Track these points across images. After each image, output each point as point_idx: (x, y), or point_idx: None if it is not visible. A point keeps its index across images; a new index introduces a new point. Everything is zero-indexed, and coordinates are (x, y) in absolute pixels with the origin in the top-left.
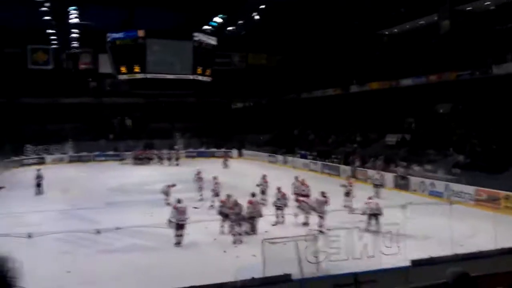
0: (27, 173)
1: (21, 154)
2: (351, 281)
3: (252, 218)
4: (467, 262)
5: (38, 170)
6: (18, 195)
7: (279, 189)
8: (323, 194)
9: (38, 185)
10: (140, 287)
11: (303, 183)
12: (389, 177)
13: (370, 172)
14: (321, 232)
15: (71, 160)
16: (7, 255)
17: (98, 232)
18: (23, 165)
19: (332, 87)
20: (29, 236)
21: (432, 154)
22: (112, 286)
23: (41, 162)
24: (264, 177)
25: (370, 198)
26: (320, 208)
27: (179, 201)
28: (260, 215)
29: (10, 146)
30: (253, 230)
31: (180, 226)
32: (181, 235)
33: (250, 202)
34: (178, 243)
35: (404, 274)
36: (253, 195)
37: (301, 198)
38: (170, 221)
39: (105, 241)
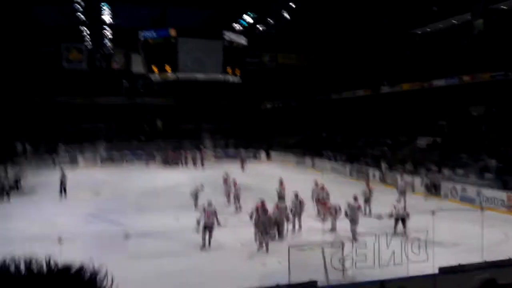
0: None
1: (55, 152)
2: None
3: (278, 224)
4: (496, 270)
5: (62, 169)
6: (50, 196)
7: (296, 195)
8: (355, 198)
9: (63, 189)
10: None
11: (322, 188)
12: (418, 182)
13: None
14: (354, 239)
15: (103, 161)
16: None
17: (126, 236)
18: (55, 164)
19: (363, 88)
20: (59, 239)
21: (464, 158)
22: None
23: (74, 162)
24: (281, 181)
25: (398, 201)
26: (352, 213)
27: (209, 203)
28: (288, 220)
29: (45, 145)
30: (279, 235)
31: (207, 229)
32: (207, 238)
33: (277, 207)
34: (203, 246)
35: (432, 282)
36: (209, 203)
37: (327, 203)
38: (198, 223)
39: (133, 245)
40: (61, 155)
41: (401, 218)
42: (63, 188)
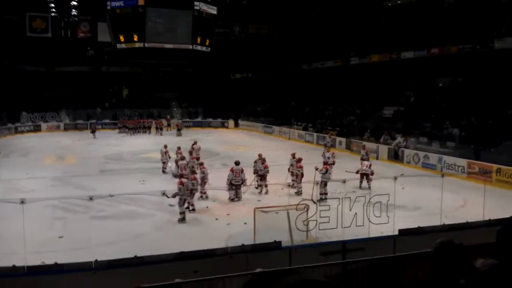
0: (22, 140)
1: (17, 121)
2: (339, 248)
3: (236, 186)
4: (454, 233)
5: None
6: (13, 162)
7: (260, 155)
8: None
9: None
10: (131, 253)
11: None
12: (384, 149)
13: (364, 144)
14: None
15: (67, 128)
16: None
17: (91, 198)
18: (18, 132)
19: (333, 59)
20: (22, 201)
21: (428, 127)
22: (104, 251)
23: (37, 129)
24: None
25: (363, 159)
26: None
27: (236, 163)
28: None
29: (6, 113)
30: (237, 197)
31: (236, 187)
32: (236, 195)
33: (231, 170)
34: (232, 200)
35: (391, 243)
36: (236, 163)
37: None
38: (230, 183)
39: (98, 207)
40: (23, 123)
41: (365, 174)
42: None
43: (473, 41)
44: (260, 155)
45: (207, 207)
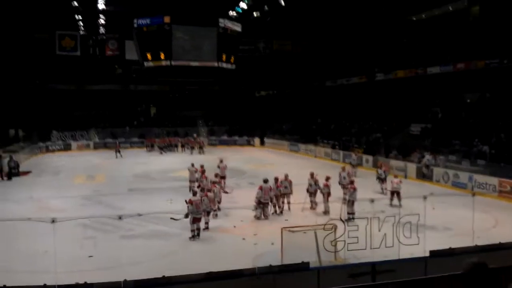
0: (53, 159)
1: (48, 140)
2: (368, 270)
3: (263, 204)
4: (486, 254)
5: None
6: (44, 180)
7: (286, 176)
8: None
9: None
10: (159, 272)
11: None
12: (412, 167)
13: (392, 162)
14: (349, 219)
15: (96, 147)
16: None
17: (120, 217)
18: (49, 151)
19: (357, 75)
20: (53, 221)
21: (457, 144)
22: (133, 270)
23: (67, 148)
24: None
25: (395, 176)
26: (352, 196)
27: (265, 181)
28: (271, 201)
29: (37, 132)
30: (264, 215)
31: (264, 205)
32: (263, 213)
33: (260, 188)
34: (258, 218)
35: (423, 265)
36: (265, 181)
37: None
38: (258, 201)
39: (127, 226)
40: (54, 142)
41: (396, 192)
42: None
43: (499, 55)
44: (286, 176)
45: (234, 226)
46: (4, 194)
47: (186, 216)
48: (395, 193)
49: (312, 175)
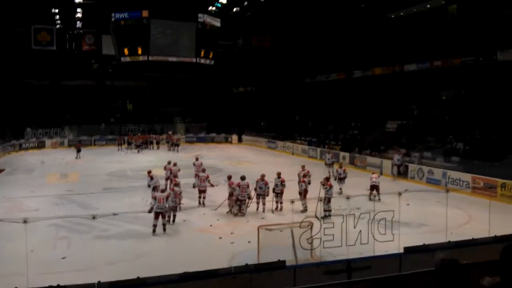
0: (26, 157)
1: (22, 137)
2: (344, 267)
3: (240, 201)
4: (460, 250)
5: None
6: (16, 179)
7: (262, 176)
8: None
9: None
10: (134, 273)
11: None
12: (387, 164)
13: (368, 159)
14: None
15: (71, 144)
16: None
17: (94, 217)
18: (22, 149)
19: (336, 72)
20: (25, 221)
21: (432, 141)
22: (107, 271)
23: (41, 146)
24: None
25: (373, 172)
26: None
27: (242, 178)
28: (249, 198)
29: (11, 129)
30: (241, 212)
31: (241, 202)
32: (240, 210)
33: (238, 185)
34: (235, 214)
35: (397, 261)
36: (242, 178)
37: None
38: (236, 198)
39: (101, 226)
40: (28, 139)
41: (376, 186)
42: None
43: (475, 53)
44: (262, 176)
45: (211, 225)
46: None
47: (150, 211)
48: (374, 187)
49: (279, 175)
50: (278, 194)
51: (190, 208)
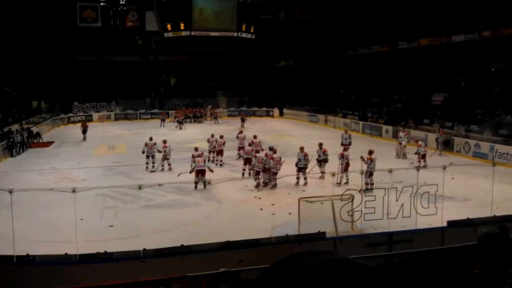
0: (74, 130)
1: (70, 111)
2: (385, 240)
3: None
4: (506, 224)
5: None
6: (65, 151)
7: (301, 149)
8: (370, 152)
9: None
10: (178, 241)
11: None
12: (432, 137)
13: (413, 132)
14: (368, 189)
15: (117, 118)
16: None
17: (140, 187)
18: (70, 122)
19: (379, 44)
20: (73, 190)
21: (480, 114)
22: (152, 239)
23: (89, 119)
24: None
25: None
26: (371, 165)
27: (271, 148)
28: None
29: (59, 104)
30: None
31: (274, 174)
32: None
33: (271, 158)
34: (265, 185)
35: (440, 235)
36: (271, 148)
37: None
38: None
39: (147, 196)
40: (76, 113)
41: (423, 154)
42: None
43: None
44: (301, 148)
45: (255, 197)
46: (28, 165)
47: (191, 171)
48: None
49: (320, 145)
50: (301, 169)
51: (233, 180)
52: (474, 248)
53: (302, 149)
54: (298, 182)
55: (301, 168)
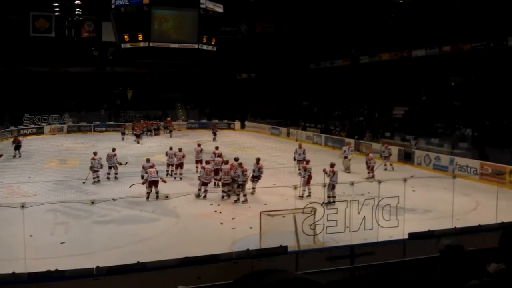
0: (24, 143)
1: (20, 123)
2: (347, 253)
3: (234, 181)
4: (465, 236)
5: None
6: (15, 165)
7: (257, 160)
8: (332, 165)
9: None
10: (134, 258)
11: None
12: (394, 150)
13: (374, 145)
14: (329, 203)
15: (70, 131)
16: None
17: (92, 202)
18: (20, 135)
19: (341, 58)
20: (23, 206)
21: (440, 127)
22: (106, 256)
23: (40, 132)
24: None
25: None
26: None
27: (236, 159)
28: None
29: (9, 116)
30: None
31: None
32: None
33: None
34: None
35: (401, 247)
36: (236, 159)
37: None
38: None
39: (100, 212)
40: (26, 125)
41: (372, 166)
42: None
43: (486, 38)
44: (257, 159)
45: (215, 211)
46: None
47: (144, 182)
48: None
49: (257, 160)
50: (255, 179)
51: (191, 194)
52: (435, 260)
53: (258, 160)
54: (252, 193)
55: (255, 178)
